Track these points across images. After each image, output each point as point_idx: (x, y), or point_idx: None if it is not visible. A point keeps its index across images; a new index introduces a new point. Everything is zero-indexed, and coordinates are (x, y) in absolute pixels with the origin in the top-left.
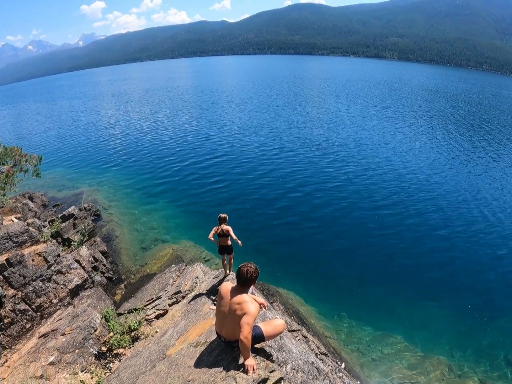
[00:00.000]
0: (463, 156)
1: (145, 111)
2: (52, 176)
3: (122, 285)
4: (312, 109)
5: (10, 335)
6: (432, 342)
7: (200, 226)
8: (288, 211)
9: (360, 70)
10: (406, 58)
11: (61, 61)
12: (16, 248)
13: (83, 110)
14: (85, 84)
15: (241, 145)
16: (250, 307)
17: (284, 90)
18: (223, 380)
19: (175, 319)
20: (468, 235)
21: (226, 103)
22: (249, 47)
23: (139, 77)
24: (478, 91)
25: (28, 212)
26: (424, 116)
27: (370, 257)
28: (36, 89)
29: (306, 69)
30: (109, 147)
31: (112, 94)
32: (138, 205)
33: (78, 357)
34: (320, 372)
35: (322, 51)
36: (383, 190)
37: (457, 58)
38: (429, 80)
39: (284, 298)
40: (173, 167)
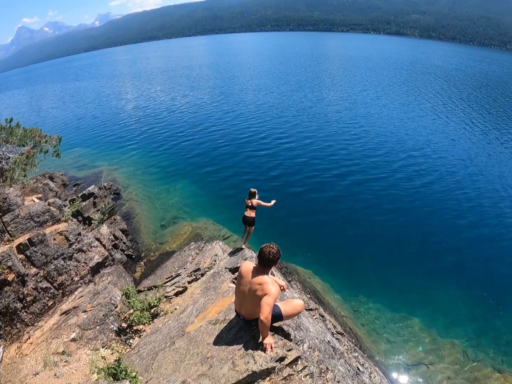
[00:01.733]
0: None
1: (165, 90)
2: (72, 156)
3: (142, 262)
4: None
5: (33, 312)
6: (448, 326)
7: (219, 205)
8: (310, 192)
9: (388, 48)
10: (428, 35)
11: (78, 41)
12: (37, 228)
13: (101, 90)
14: (102, 64)
15: (266, 128)
16: (271, 288)
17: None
18: (241, 358)
19: (194, 296)
20: (491, 220)
21: (248, 85)
22: (267, 24)
23: (157, 56)
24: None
25: (49, 192)
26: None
27: (389, 238)
28: (53, 70)
29: (329, 48)
30: (128, 126)
31: (129, 73)
32: (158, 184)
33: (99, 334)
34: (336, 352)
35: (342, 27)
36: (406, 173)
37: (480, 37)
38: (462, 60)
39: (302, 277)
40: (193, 146)
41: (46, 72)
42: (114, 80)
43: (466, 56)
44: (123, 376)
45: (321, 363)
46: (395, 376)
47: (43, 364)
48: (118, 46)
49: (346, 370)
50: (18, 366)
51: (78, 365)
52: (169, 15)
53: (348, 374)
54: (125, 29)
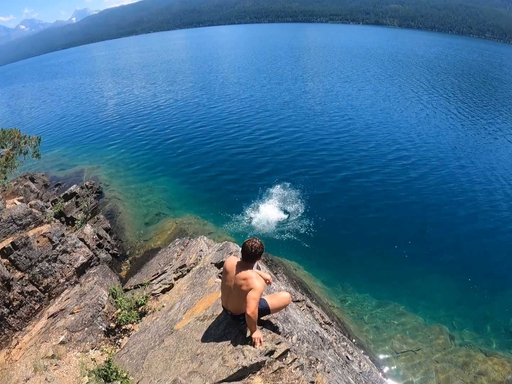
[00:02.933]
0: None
1: (143, 85)
2: (52, 156)
3: (128, 260)
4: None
5: (20, 317)
6: (434, 311)
7: (203, 200)
8: (296, 185)
9: (368, 38)
10: (407, 25)
11: (55, 38)
12: (20, 231)
13: (80, 87)
14: (80, 61)
15: (250, 123)
16: (256, 282)
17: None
18: (231, 353)
19: (181, 293)
20: (474, 206)
21: (230, 79)
22: (246, 16)
23: (136, 51)
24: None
25: (30, 194)
26: (454, 92)
27: (374, 228)
28: (30, 69)
29: (310, 39)
30: (109, 124)
31: (109, 69)
32: (140, 180)
33: (87, 335)
34: (325, 342)
35: (321, 18)
36: (391, 164)
37: (459, 26)
38: (443, 49)
39: (288, 269)
40: (174, 141)
41: (23, 70)
42: (93, 77)
43: (446, 45)
44: (114, 377)
45: (310, 355)
46: (384, 363)
47: (33, 369)
48: (96, 42)
49: (335, 359)
50: (9, 372)
51: (68, 368)
52: (146, 9)
53: (338, 364)
54: (102, 24)
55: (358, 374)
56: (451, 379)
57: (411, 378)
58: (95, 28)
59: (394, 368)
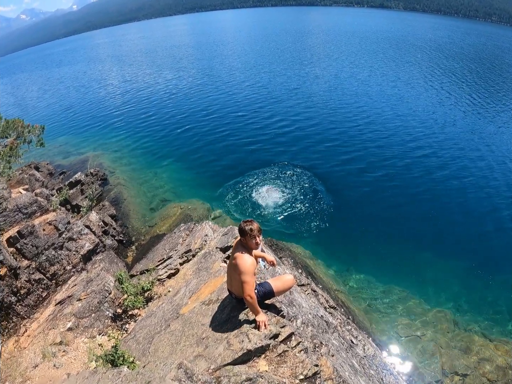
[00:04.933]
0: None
1: (147, 72)
2: (56, 144)
3: (133, 247)
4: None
5: (28, 305)
6: (438, 296)
7: (207, 184)
8: (298, 166)
9: (374, 22)
10: (412, 8)
11: (56, 27)
12: (26, 220)
13: (83, 76)
14: (82, 49)
15: (255, 110)
16: (242, 264)
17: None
18: (236, 337)
19: (186, 277)
20: (478, 190)
21: (234, 65)
22: (249, 0)
23: (139, 37)
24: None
25: (35, 183)
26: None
27: (379, 212)
28: (32, 58)
29: (315, 23)
30: (112, 111)
31: (111, 57)
32: (145, 167)
33: (94, 321)
34: (329, 326)
35: (325, 1)
36: (404, 145)
37: (465, 9)
38: (451, 33)
39: (293, 253)
40: (178, 126)
41: (25, 60)
42: (96, 64)
43: (454, 28)
44: (121, 362)
45: (314, 338)
46: (388, 347)
47: (42, 356)
48: (97, 29)
49: (339, 343)
50: (17, 359)
51: (76, 354)
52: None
53: (342, 347)
54: (104, 11)
55: (362, 358)
56: (455, 363)
57: (415, 362)
58: (96, 15)
59: (398, 352)
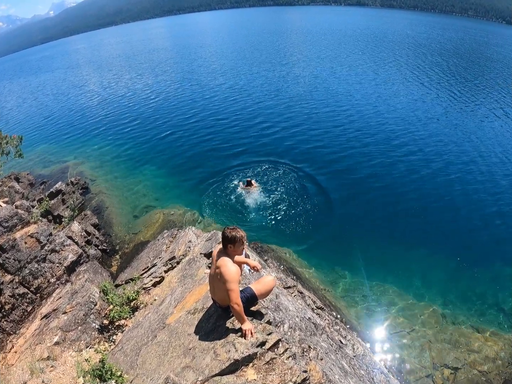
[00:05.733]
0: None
1: (125, 77)
2: (36, 154)
3: (117, 255)
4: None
5: (13, 320)
6: (426, 290)
7: (189, 190)
8: (279, 168)
9: (352, 19)
10: (389, 5)
11: (33, 34)
12: (7, 233)
13: (61, 83)
14: (59, 55)
15: (236, 112)
16: (227, 272)
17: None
18: (222, 346)
19: (171, 285)
20: (464, 185)
21: (214, 67)
22: (226, 1)
23: (117, 42)
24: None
25: (15, 195)
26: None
27: (361, 208)
28: (9, 66)
29: (293, 23)
30: (91, 118)
31: (89, 63)
32: (126, 174)
33: (81, 334)
34: (318, 327)
35: (302, 0)
36: (379, 146)
37: (441, 4)
38: (429, 29)
39: (278, 255)
40: (158, 132)
41: (2, 68)
42: (73, 71)
43: (432, 24)
44: (109, 376)
45: (303, 342)
46: (378, 345)
47: (30, 372)
48: (75, 34)
49: (328, 345)
50: (6, 377)
51: (64, 368)
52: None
53: (331, 349)
54: (81, 16)
55: (352, 358)
56: (445, 357)
57: (405, 357)
58: (73, 20)
59: (388, 349)
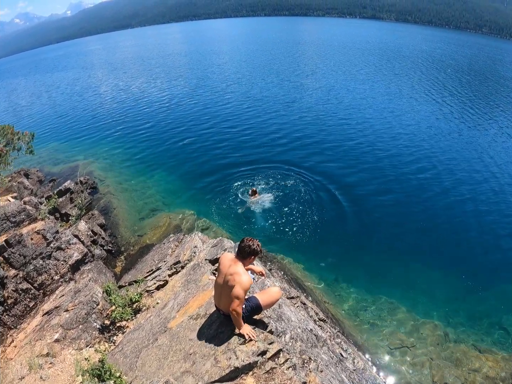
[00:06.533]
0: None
1: (139, 80)
2: (47, 151)
3: (122, 257)
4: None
5: (15, 315)
6: (428, 307)
7: (198, 195)
8: (286, 177)
9: (368, 33)
10: (404, 19)
11: (50, 32)
12: (14, 228)
13: (75, 82)
14: (75, 54)
15: (248, 120)
16: (242, 279)
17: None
18: (223, 354)
19: (175, 289)
20: (470, 200)
21: (228, 75)
22: (242, 9)
23: (132, 45)
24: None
25: (24, 190)
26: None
27: (368, 222)
28: (25, 63)
29: (309, 34)
30: (103, 118)
31: (104, 64)
32: (135, 176)
33: (82, 333)
34: (319, 339)
35: (318, 12)
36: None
37: (456, 20)
38: (445, 45)
39: (282, 264)
40: (170, 137)
41: (19, 65)
42: (88, 71)
43: (446, 40)
44: (108, 377)
45: (303, 354)
46: (378, 360)
47: (28, 367)
48: (91, 35)
49: (329, 357)
50: (4, 371)
51: (63, 366)
52: (141, 2)
53: (332, 362)
54: (97, 18)
55: (352, 372)
56: (445, 375)
57: (405, 374)
58: (90, 21)
59: (388, 365)
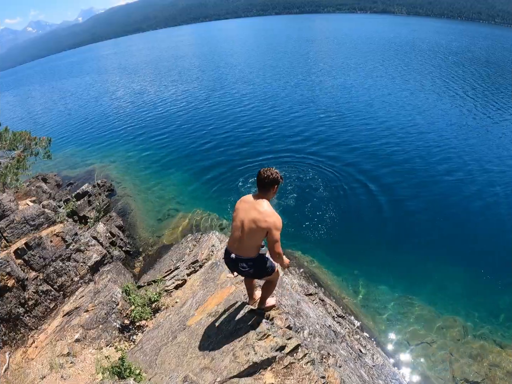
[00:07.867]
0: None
1: (155, 82)
2: (64, 156)
3: (141, 257)
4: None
5: (36, 316)
6: (448, 303)
7: (214, 195)
8: (309, 181)
9: (381, 27)
10: (415, 12)
11: (62, 39)
12: (33, 231)
13: (89, 87)
14: (88, 60)
15: (265, 121)
16: (274, 219)
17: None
18: (242, 349)
19: (193, 288)
20: (491, 196)
21: (242, 75)
22: (253, 9)
23: (144, 48)
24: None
25: (42, 194)
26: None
27: (387, 218)
28: (39, 70)
29: (321, 31)
30: (118, 122)
31: (117, 68)
32: (151, 177)
33: (102, 332)
34: (337, 335)
35: (328, 8)
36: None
37: (468, 11)
38: (459, 37)
39: (301, 262)
40: (185, 136)
41: (33, 72)
42: (102, 76)
43: (460, 32)
44: (128, 374)
45: (322, 349)
46: (398, 356)
47: (49, 367)
48: (103, 41)
49: (348, 353)
50: (25, 371)
51: (83, 365)
52: (152, 6)
53: (350, 358)
54: (109, 23)
55: (371, 368)
56: (465, 371)
57: (425, 370)
58: (101, 27)
59: (407, 361)
